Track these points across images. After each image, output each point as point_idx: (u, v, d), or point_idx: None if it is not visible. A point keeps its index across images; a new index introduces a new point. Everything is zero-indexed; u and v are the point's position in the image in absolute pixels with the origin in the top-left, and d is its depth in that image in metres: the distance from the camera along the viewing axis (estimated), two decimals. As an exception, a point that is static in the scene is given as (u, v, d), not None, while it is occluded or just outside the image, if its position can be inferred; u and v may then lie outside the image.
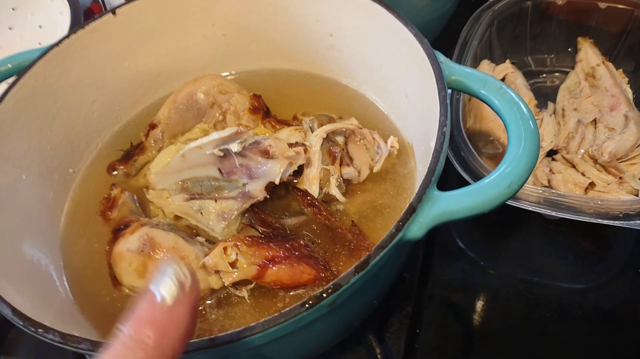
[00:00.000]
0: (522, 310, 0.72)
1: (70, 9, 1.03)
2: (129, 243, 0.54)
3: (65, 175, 0.68)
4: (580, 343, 0.70)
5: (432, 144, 0.49)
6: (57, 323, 0.46)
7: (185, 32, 0.74)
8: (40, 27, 1.08)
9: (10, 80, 0.62)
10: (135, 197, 0.66)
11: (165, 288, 0.29)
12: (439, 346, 0.70)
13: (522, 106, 0.49)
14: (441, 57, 0.55)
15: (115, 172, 0.69)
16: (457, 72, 0.54)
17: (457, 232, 0.80)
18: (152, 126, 0.70)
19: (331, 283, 0.40)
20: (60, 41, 0.65)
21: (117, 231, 0.57)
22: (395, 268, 0.57)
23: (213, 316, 0.55)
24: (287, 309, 0.39)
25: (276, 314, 0.39)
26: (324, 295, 0.40)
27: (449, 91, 0.65)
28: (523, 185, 0.46)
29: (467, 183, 0.66)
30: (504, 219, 0.80)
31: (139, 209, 0.64)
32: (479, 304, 0.73)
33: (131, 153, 0.70)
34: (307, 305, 0.40)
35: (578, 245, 0.77)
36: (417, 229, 0.44)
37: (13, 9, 1.09)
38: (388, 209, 0.61)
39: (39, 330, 0.43)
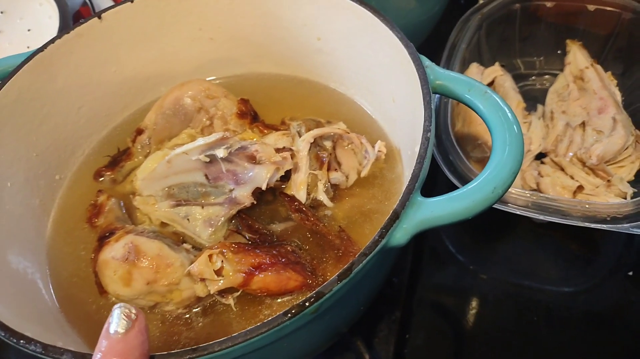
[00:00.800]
0: (512, 314, 0.73)
1: (59, 12, 1.02)
2: (114, 250, 0.53)
3: (52, 181, 0.68)
4: (569, 346, 0.70)
5: (417, 149, 0.49)
6: (42, 332, 0.46)
7: (172, 37, 0.74)
8: (29, 30, 1.07)
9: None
10: (122, 203, 0.65)
11: (116, 323, 0.37)
12: (428, 351, 0.70)
13: (507, 111, 0.49)
14: (426, 62, 0.55)
15: (101, 178, 0.69)
16: (442, 76, 0.54)
17: (447, 236, 0.80)
18: (139, 131, 0.70)
19: (314, 291, 0.40)
20: (45, 46, 0.64)
21: (103, 239, 0.57)
22: (382, 274, 0.56)
23: (200, 324, 0.55)
24: (270, 318, 0.39)
25: (258, 323, 0.39)
26: (307, 304, 0.40)
27: (436, 95, 0.65)
28: (507, 189, 0.46)
29: (456, 188, 0.67)
30: (494, 223, 0.80)
31: (126, 216, 0.64)
32: (469, 308, 0.73)
33: (118, 159, 0.70)
34: (289, 314, 0.39)
35: (567, 249, 0.77)
36: (401, 235, 0.44)
37: (2, 12, 1.08)
38: (377, 214, 0.61)
39: (21, 341, 0.42)
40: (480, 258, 0.78)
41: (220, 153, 0.58)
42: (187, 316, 0.56)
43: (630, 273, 0.73)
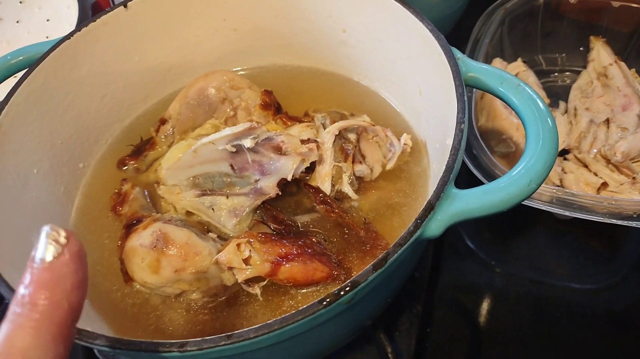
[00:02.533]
0: (532, 310, 0.72)
1: (78, 2, 1.02)
2: (142, 238, 0.53)
3: (76, 169, 0.68)
4: (590, 344, 0.69)
5: (449, 141, 0.48)
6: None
7: (197, 27, 0.74)
8: (47, 20, 1.07)
9: (20, 74, 0.62)
10: (146, 192, 0.65)
11: (40, 248, 0.29)
12: (449, 345, 0.70)
13: (540, 104, 0.49)
14: (458, 54, 0.55)
15: (125, 167, 0.69)
16: (475, 69, 0.53)
17: (467, 232, 0.80)
18: (163, 121, 0.70)
19: (349, 280, 0.40)
20: (71, 34, 0.64)
21: (130, 227, 0.57)
22: (410, 267, 0.56)
23: (225, 313, 0.55)
24: (305, 306, 0.39)
25: (294, 311, 0.39)
26: (342, 293, 0.40)
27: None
28: (542, 183, 0.46)
29: (477, 182, 0.66)
30: (514, 219, 0.80)
31: (150, 204, 0.64)
32: (489, 304, 0.73)
33: (141, 149, 0.70)
34: (324, 303, 0.39)
35: (588, 245, 0.77)
36: (435, 227, 0.44)
37: (20, 2, 1.08)
38: (405, 207, 0.61)
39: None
40: (500, 254, 0.78)
41: (247, 143, 0.58)
42: (212, 305, 0.56)
43: (653, 271, 0.73)
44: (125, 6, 0.68)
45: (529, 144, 0.47)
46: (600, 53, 0.85)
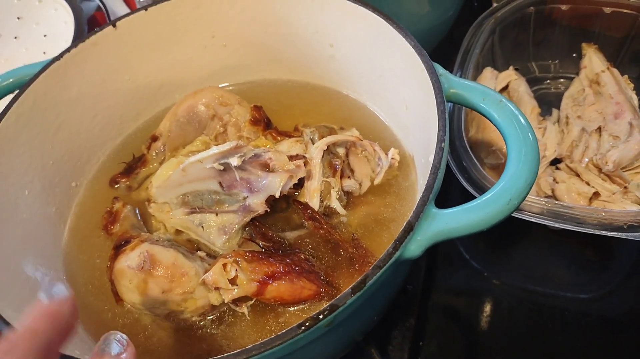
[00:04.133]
0: (526, 320, 0.72)
1: (74, 18, 1.04)
2: (130, 260, 0.54)
3: (68, 189, 0.69)
4: (584, 353, 0.69)
5: (431, 159, 0.49)
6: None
7: (186, 44, 0.74)
8: (45, 36, 1.08)
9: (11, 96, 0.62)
10: (137, 211, 0.66)
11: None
12: (442, 358, 0.70)
13: (522, 120, 0.49)
14: (440, 70, 0.55)
15: (117, 185, 0.70)
16: (457, 84, 0.53)
17: (461, 242, 0.80)
18: (154, 139, 0.70)
19: (327, 304, 0.40)
20: (60, 55, 0.65)
21: (119, 248, 0.57)
22: (395, 285, 0.56)
23: (213, 333, 0.55)
24: (284, 331, 0.39)
25: (272, 336, 0.39)
26: (321, 316, 0.40)
27: (448, 105, 0.65)
28: (523, 200, 0.45)
29: (470, 194, 0.66)
30: (508, 229, 0.79)
31: (141, 223, 0.64)
32: (483, 315, 0.73)
33: (133, 166, 0.70)
34: (303, 327, 0.39)
35: (582, 255, 0.76)
36: (415, 248, 0.44)
37: (18, 18, 1.10)
38: (393, 222, 0.61)
39: (39, 351, 0.43)
40: (495, 264, 0.78)
41: (234, 161, 0.58)
42: (202, 323, 0.56)
43: (647, 280, 0.72)
44: (114, 26, 0.68)
45: (509, 161, 0.47)
46: (593, 60, 0.84)
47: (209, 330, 0.56)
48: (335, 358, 0.57)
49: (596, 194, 0.71)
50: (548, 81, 0.91)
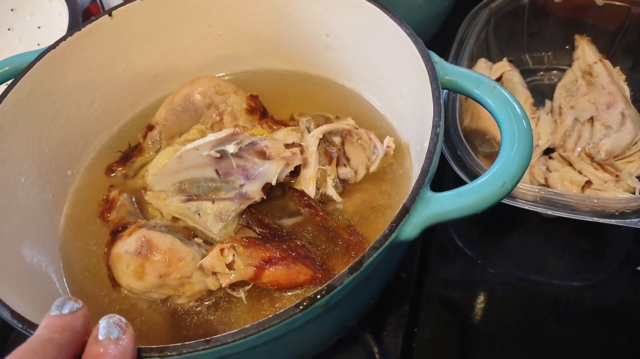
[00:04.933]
0: (520, 308, 0.73)
1: (69, 10, 1.03)
2: (127, 245, 0.54)
3: (64, 177, 0.69)
4: (577, 341, 0.70)
5: (426, 144, 0.49)
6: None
7: (182, 33, 0.74)
8: (39, 28, 1.08)
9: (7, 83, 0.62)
10: (134, 199, 0.66)
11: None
12: (436, 344, 0.70)
13: (516, 106, 0.49)
14: (435, 57, 0.55)
15: (113, 174, 0.70)
16: (451, 72, 0.54)
17: (455, 230, 0.80)
18: (150, 127, 0.71)
19: (325, 284, 0.41)
20: (57, 43, 0.65)
21: (115, 233, 0.58)
22: (391, 268, 0.57)
23: (211, 317, 0.56)
24: (281, 311, 0.40)
25: (270, 316, 0.40)
26: (318, 296, 0.40)
27: (445, 91, 0.65)
28: (516, 185, 0.46)
29: (464, 182, 0.67)
30: (502, 217, 0.80)
31: (137, 210, 0.65)
32: (477, 303, 0.74)
33: (129, 155, 0.71)
34: (301, 307, 0.40)
35: (575, 243, 0.77)
36: (410, 230, 0.44)
37: (12, 10, 1.09)
38: (388, 209, 0.62)
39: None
40: (488, 252, 0.78)
41: (231, 148, 0.59)
42: (198, 309, 0.56)
43: (639, 268, 0.73)
44: (110, 14, 0.68)
45: (503, 146, 0.47)
46: (585, 51, 0.85)
47: (205, 316, 0.56)
48: (330, 342, 0.58)
49: (588, 183, 0.72)
50: (541, 73, 0.91)
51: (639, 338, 0.69)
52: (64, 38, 0.66)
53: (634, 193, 0.70)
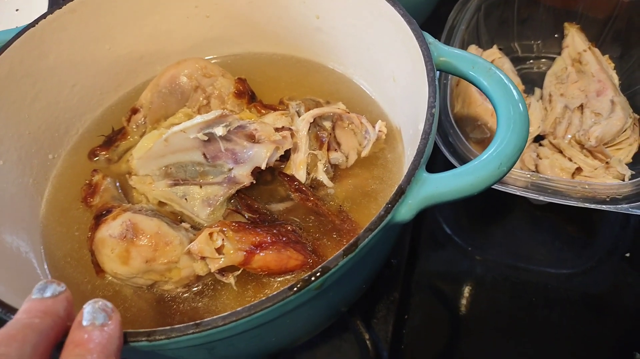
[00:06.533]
0: (509, 295, 0.73)
1: (49, -9, 1.00)
2: (111, 228, 0.52)
3: (45, 160, 0.66)
4: (566, 328, 0.70)
5: (421, 127, 0.48)
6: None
7: (168, 14, 0.72)
8: (17, 10, 1.05)
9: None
10: (118, 183, 0.64)
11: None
12: (426, 331, 0.70)
13: (511, 87, 0.49)
14: (430, 38, 0.54)
15: (96, 158, 0.68)
16: (446, 53, 0.53)
17: (444, 218, 0.80)
18: (134, 111, 0.69)
19: (319, 266, 0.40)
20: (36, 21, 0.63)
21: (99, 217, 0.56)
22: (384, 252, 0.56)
23: (199, 303, 0.54)
24: (274, 293, 0.38)
25: (263, 298, 0.38)
26: (312, 278, 0.39)
27: (437, 73, 0.64)
28: (512, 166, 0.45)
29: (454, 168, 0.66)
30: (491, 205, 0.80)
31: (121, 195, 0.63)
32: (466, 290, 0.73)
33: (113, 139, 0.68)
34: (295, 288, 0.39)
35: (564, 231, 0.77)
36: (405, 211, 0.43)
37: (-12, -8, 1.06)
38: (381, 194, 0.61)
39: (18, 318, 0.41)
40: (478, 240, 0.78)
41: (219, 131, 0.57)
42: (186, 295, 0.55)
43: (627, 255, 0.74)
44: (93, -7, 0.66)
45: (499, 127, 0.47)
46: (575, 39, 0.85)
47: (192, 303, 0.55)
48: (321, 328, 0.57)
49: (579, 169, 0.71)
50: (531, 61, 0.91)
51: (627, 324, 0.69)
52: (43, 16, 0.63)
53: (623, 180, 0.70)
